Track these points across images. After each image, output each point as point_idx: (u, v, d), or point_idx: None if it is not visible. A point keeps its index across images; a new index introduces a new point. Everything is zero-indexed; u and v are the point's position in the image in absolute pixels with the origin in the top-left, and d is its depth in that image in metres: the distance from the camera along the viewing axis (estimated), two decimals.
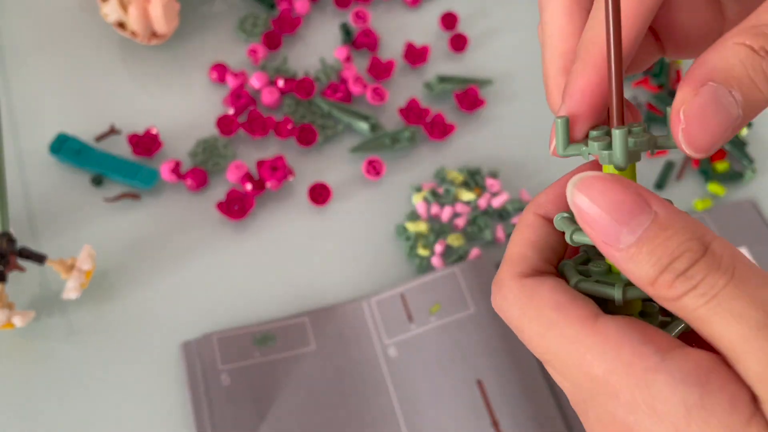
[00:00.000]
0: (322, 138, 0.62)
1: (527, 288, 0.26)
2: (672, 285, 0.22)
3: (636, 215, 0.22)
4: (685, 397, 0.21)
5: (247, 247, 0.57)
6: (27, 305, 0.53)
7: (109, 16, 0.64)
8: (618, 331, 0.23)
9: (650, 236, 0.22)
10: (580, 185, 0.23)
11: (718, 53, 0.24)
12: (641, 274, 0.22)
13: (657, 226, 0.22)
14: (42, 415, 0.49)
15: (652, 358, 0.22)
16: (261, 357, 0.51)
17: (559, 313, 0.24)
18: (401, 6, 0.72)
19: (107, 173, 0.59)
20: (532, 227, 0.28)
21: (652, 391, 0.22)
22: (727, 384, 0.21)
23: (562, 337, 0.24)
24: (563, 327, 0.24)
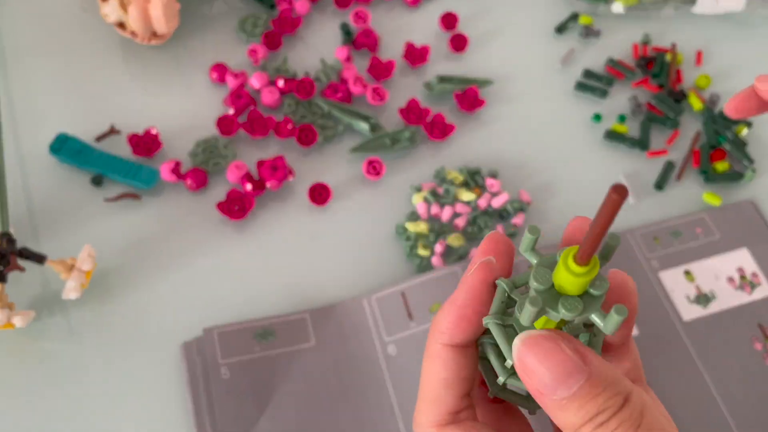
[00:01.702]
0: (322, 138, 0.62)
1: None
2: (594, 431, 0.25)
3: (573, 375, 0.25)
4: None
5: (248, 248, 0.57)
6: (27, 305, 0.53)
7: (109, 17, 0.64)
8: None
9: (582, 394, 0.24)
10: (528, 343, 0.25)
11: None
12: (567, 422, 0.25)
13: (589, 385, 0.25)
14: (43, 415, 0.49)
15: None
16: (261, 352, 0.51)
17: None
18: (401, 6, 0.72)
19: (107, 173, 0.59)
20: (441, 361, 0.28)
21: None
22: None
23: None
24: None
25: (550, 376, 0.25)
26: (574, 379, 0.25)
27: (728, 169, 0.63)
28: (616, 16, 0.73)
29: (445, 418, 0.28)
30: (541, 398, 0.25)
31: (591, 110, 0.67)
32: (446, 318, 0.29)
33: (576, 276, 0.25)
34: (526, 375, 0.25)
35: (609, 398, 0.24)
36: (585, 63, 0.70)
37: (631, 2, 0.72)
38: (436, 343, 0.29)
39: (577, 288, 0.26)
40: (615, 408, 0.24)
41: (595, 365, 0.25)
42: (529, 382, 0.25)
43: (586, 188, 0.62)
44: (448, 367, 0.28)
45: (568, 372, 0.25)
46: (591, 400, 0.24)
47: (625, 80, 0.68)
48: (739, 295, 0.56)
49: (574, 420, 0.25)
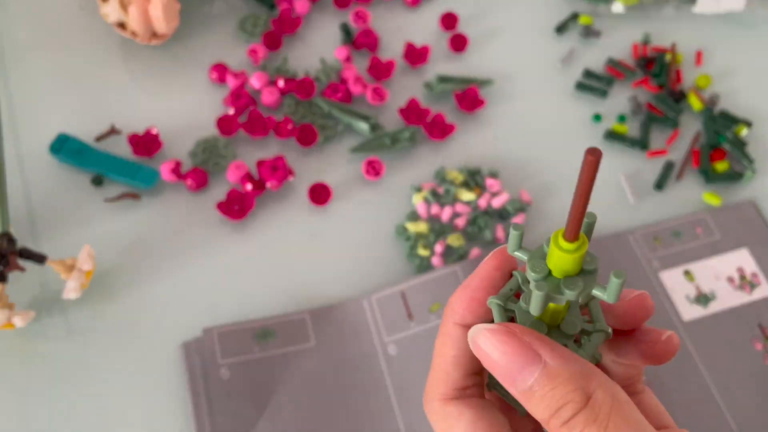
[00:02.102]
0: (322, 138, 0.62)
1: (447, 417, 0.29)
2: (559, 428, 0.25)
3: (526, 366, 0.25)
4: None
5: (248, 248, 0.57)
6: (27, 305, 0.53)
7: (109, 16, 0.64)
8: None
9: (540, 385, 0.25)
10: (477, 336, 0.26)
11: None
12: (537, 413, 0.25)
13: (545, 377, 0.25)
14: (43, 414, 0.49)
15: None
16: (261, 352, 0.51)
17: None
18: (401, 6, 0.72)
19: (107, 173, 0.59)
20: (452, 339, 0.29)
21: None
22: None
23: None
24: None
25: (506, 367, 0.25)
26: (528, 371, 0.25)
27: (728, 169, 0.63)
28: (616, 16, 0.73)
29: (452, 393, 0.29)
30: (510, 389, 0.26)
31: (591, 110, 0.67)
32: (459, 299, 0.29)
33: (569, 252, 0.25)
34: (488, 367, 0.26)
35: (568, 392, 0.24)
36: (585, 63, 0.70)
37: (631, 2, 0.72)
38: (448, 322, 0.29)
39: (573, 265, 0.26)
40: (576, 406, 0.24)
41: (550, 356, 0.25)
42: (493, 372, 0.26)
43: None
44: (457, 346, 0.29)
45: (520, 363, 0.25)
46: (549, 392, 0.24)
47: (625, 80, 0.68)
48: (739, 295, 0.56)
49: (543, 412, 0.25)
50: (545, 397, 0.24)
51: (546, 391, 0.25)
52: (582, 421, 0.24)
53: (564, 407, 0.24)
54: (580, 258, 0.26)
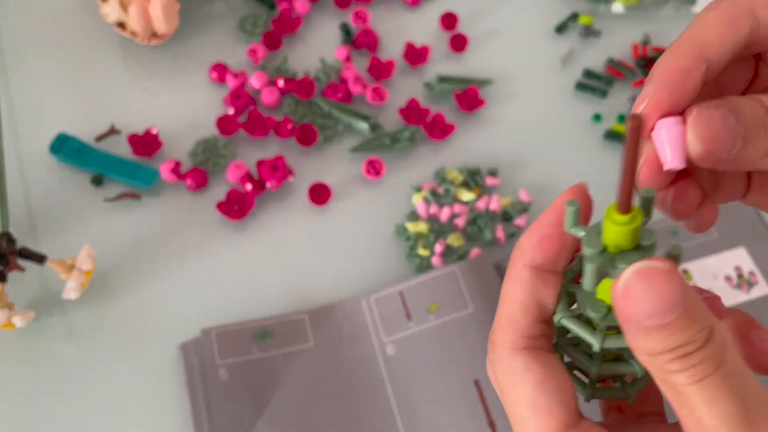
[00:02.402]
0: (322, 138, 0.62)
1: (513, 369, 0.27)
2: (669, 362, 0.24)
3: (673, 309, 0.24)
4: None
5: (247, 248, 0.57)
6: (27, 305, 0.53)
7: (109, 16, 0.64)
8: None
9: (672, 325, 0.24)
10: (643, 274, 0.25)
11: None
12: (648, 346, 0.24)
13: (683, 318, 0.24)
14: (42, 414, 0.50)
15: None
16: (259, 353, 0.51)
17: (533, 415, 0.26)
18: (401, 6, 0.72)
19: (107, 173, 0.59)
20: (520, 282, 0.28)
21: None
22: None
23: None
24: (532, 430, 0.26)
25: (651, 305, 0.24)
26: (669, 311, 0.24)
27: None
28: (616, 16, 0.73)
29: (520, 342, 0.28)
30: (627, 323, 0.25)
31: (591, 110, 0.67)
32: (529, 238, 0.28)
33: (622, 225, 0.25)
34: (627, 301, 0.25)
35: (697, 332, 0.24)
36: (585, 63, 0.70)
37: (631, 2, 0.72)
38: (516, 264, 0.28)
39: (628, 239, 0.26)
40: (699, 343, 0.24)
41: (690, 298, 0.24)
42: (625, 308, 0.25)
43: None
44: (525, 289, 0.28)
45: (669, 305, 0.24)
46: (680, 332, 0.24)
47: (625, 80, 0.68)
48: (736, 294, 0.56)
49: (654, 346, 0.24)
50: (673, 335, 0.24)
51: (677, 330, 0.24)
52: (701, 356, 0.24)
53: (688, 344, 0.24)
54: (633, 231, 0.26)
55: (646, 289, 0.24)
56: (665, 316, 0.24)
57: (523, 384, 0.27)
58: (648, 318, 0.24)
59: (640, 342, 0.25)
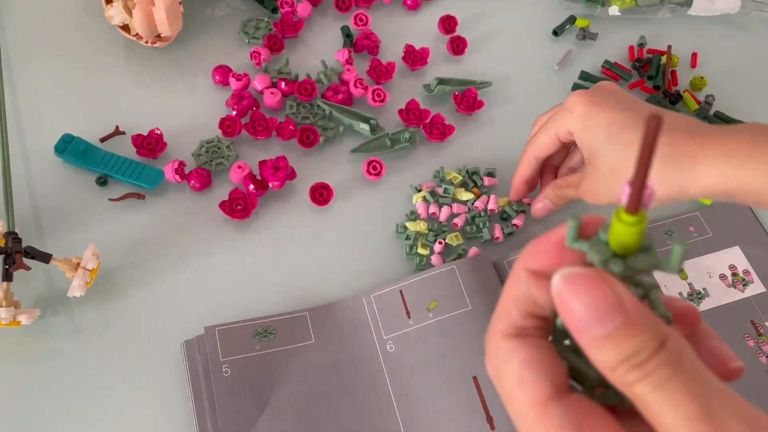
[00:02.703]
0: (323, 139, 0.63)
1: (502, 352, 0.29)
2: (627, 373, 0.25)
3: (611, 314, 0.25)
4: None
5: (250, 247, 0.58)
6: (32, 303, 0.54)
7: (113, 19, 0.65)
8: (560, 421, 0.26)
9: (619, 333, 0.25)
10: (568, 279, 0.26)
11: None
12: (602, 360, 0.25)
13: (627, 325, 0.25)
14: (47, 411, 0.50)
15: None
16: (261, 350, 0.52)
17: (519, 390, 0.27)
18: (401, 9, 0.73)
19: (112, 173, 0.59)
20: (517, 282, 0.30)
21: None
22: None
23: (516, 412, 0.28)
24: (518, 403, 0.27)
25: (586, 313, 0.25)
26: (610, 319, 0.25)
27: None
28: (612, 19, 0.74)
29: (510, 330, 0.29)
30: (578, 336, 0.26)
31: None
32: (536, 248, 0.30)
33: (631, 225, 0.26)
34: (564, 310, 0.26)
35: (646, 339, 0.25)
36: (582, 65, 0.70)
37: (627, 5, 0.73)
38: (518, 264, 0.30)
39: (635, 239, 0.26)
40: (651, 350, 0.25)
41: (631, 307, 0.25)
42: (567, 318, 0.26)
43: None
44: (519, 287, 0.29)
45: (606, 311, 0.25)
46: (627, 339, 0.25)
47: (622, 82, 0.69)
48: (731, 293, 0.56)
49: (609, 358, 0.25)
50: (621, 344, 0.25)
51: (623, 339, 0.25)
52: (656, 362, 0.24)
53: (640, 352, 0.25)
54: (641, 232, 0.26)
55: (575, 296, 0.25)
56: (605, 324, 0.25)
57: (510, 363, 0.28)
58: (589, 327, 0.25)
59: (595, 355, 0.25)
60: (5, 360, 0.51)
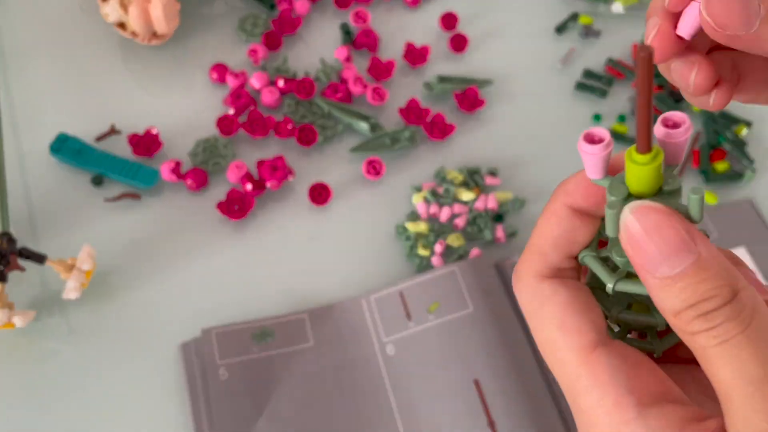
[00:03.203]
0: (322, 138, 0.63)
1: (539, 294, 0.27)
2: (692, 321, 0.23)
3: (680, 252, 0.23)
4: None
5: (247, 248, 0.58)
6: (27, 305, 0.54)
7: (109, 17, 0.64)
8: (608, 370, 0.25)
9: (688, 274, 0.23)
10: (637, 212, 0.24)
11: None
12: (668, 304, 0.24)
13: (696, 267, 0.23)
14: (42, 414, 0.50)
15: (630, 412, 0.24)
16: (259, 352, 0.51)
17: (562, 335, 0.26)
18: (401, 6, 0.72)
19: (107, 173, 0.59)
20: (557, 218, 0.28)
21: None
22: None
23: (558, 359, 0.26)
24: (561, 350, 0.26)
25: (656, 250, 0.24)
26: (679, 258, 0.23)
27: (728, 169, 0.63)
28: (615, 16, 0.73)
29: (547, 272, 0.27)
30: (644, 276, 0.24)
31: (591, 110, 0.67)
32: (578, 182, 0.28)
33: (643, 165, 0.25)
34: (631, 247, 0.24)
35: (716, 287, 0.23)
36: (585, 63, 0.70)
37: (630, 2, 0.72)
38: (557, 201, 0.28)
39: (650, 181, 0.25)
40: (722, 300, 0.23)
41: (705, 248, 0.24)
42: (634, 255, 0.24)
43: None
44: (561, 226, 0.28)
45: (676, 248, 0.23)
46: (696, 283, 0.23)
47: (625, 80, 0.69)
48: None
49: (675, 303, 0.23)
50: (689, 287, 0.23)
51: (692, 282, 0.23)
52: (724, 315, 0.23)
53: (708, 300, 0.23)
54: (656, 171, 0.25)
55: (646, 233, 0.24)
56: (674, 263, 0.23)
57: (550, 306, 0.26)
58: (657, 265, 0.23)
59: (661, 299, 0.24)
60: (0, 362, 0.51)
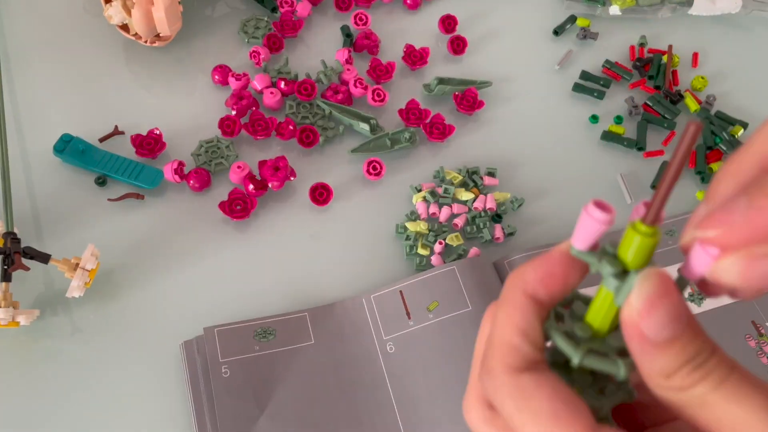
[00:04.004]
0: (323, 139, 0.63)
1: (523, 387, 0.27)
2: (690, 374, 0.25)
3: (682, 317, 0.26)
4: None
5: (249, 247, 0.58)
6: (31, 304, 0.54)
7: (112, 18, 0.64)
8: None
9: (686, 336, 0.25)
10: (662, 283, 0.26)
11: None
12: (662, 364, 0.26)
13: (690, 330, 0.26)
14: (46, 411, 0.50)
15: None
16: (261, 350, 0.52)
17: (556, 425, 0.26)
18: (401, 9, 0.73)
19: (111, 174, 0.59)
20: (520, 310, 0.28)
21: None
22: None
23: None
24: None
25: (666, 314, 0.25)
26: (677, 323, 0.25)
27: None
28: (613, 19, 0.74)
29: (523, 365, 0.27)
30: (642, 341, 0.26)
31: (588, 111, 0.67)
32: (535, 270, 0.28)
33: (648, 237, 0.26)
34: (644, 311, 0.25)
35: (704, 341, 0.25)
36: (582, 65, 0.70)
37: (627, 4, 0.73)
38: (515, 291, 0.28)
39: (648, 254, 0.26)
40: (709, 351, 0.25)
41: (689, 313, 0.26)
42: (644, 319, 0.25)
43: (584, 188, 0.63)
44: (527, 319, 0.28)
45: (681, 311, 0.25)
46: (691, 342, 0.25)
47: (622, 82, 0.69)
48: None
49: (672, 362, 0.25)
50: (686, 347, 0.25)
51: (688, 342, 0.25)
52: (713, 363, 0.25)
53: (700, 354, 0.25)
54: (654, 245, 0.26)
55: (653, 302, 0.25)
56: (677, 326, 0.25)
57: (538, 399, 0.26)
58: (662, 329, 0.25)
59: (654, 361, 0.25)
60: (4, 360, 0.51)
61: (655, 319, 0.25)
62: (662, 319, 0.25)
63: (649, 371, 0.26)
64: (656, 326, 0.25)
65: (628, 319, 0.26)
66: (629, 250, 0.26)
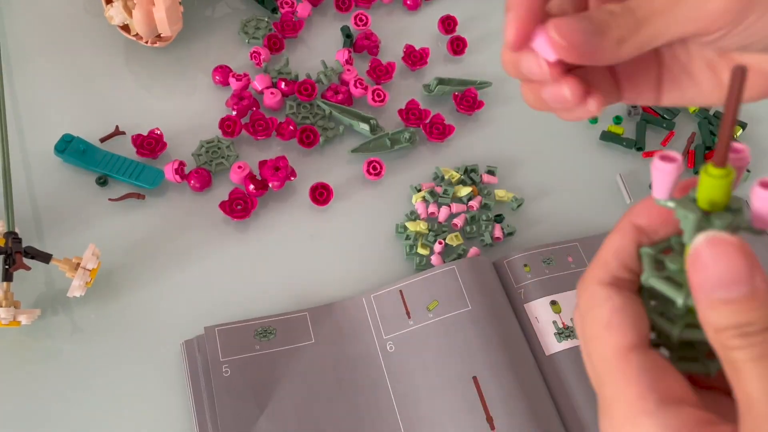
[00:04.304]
0: (323, 139, 0.63)
1: (596, 296, 0.30)
2: (732, 338, 0.26)
3: (741, 283, 0.26)
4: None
5: (249, 247, 0.58)
6: (32, 303, 0.54)
7: (113, 19, 0.65)
8: (639, 368, 0.28)
9: (740, 302, 0.26)
10: (713, 241, 0.27)
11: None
12: (712, 320, 0.26)
13: (749, 298, 0.26)
14: (47, 411, 0.50)
15: (650, 405, 0.27)
16: (261, 350, 0.52)
17: (606, 332, 0.29)
18: (401, 9, 0.73)
19: (112, 173, 0.59)
20: (622, 234, 0.31)
21: (638, 430, 0.26)
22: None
23: (597, 352, 0.29)
24: (603, 345, 0.29)
25: (718, 276, 0.26)
26: (737, 287, 0.26)
27: None
28: None
29: (606, 279, 0.30)
30: (699, 293, 0.26)
31: None
32: (644, 204, 0.31)
33: (719, 178, 0.27)
34: (695, 267, 0.26)
35: (762, 315, 0.25)
36: None
37: None
38: (624, 219, 0.31)
39: (722, 195, 0.27)
40: (763, 325, 0.25)
41: (760, 282, 0.26)
42: (695, 274, 0.26)
43: (583, 188, 0.63)
44: (624, 241, 0.30)
45: (738, 278, 0.26)
46: (746, 311, 0.25)
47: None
48: None
49: (720, 321, 0.26)
50: (738, 312, 0.25)
51: (742, 308, 0.25)
52: (762, 337, 0.25)
53: (751, 325, 0.25)
54: (728, 186, 0.27)
55: (714, 259, 0.26)
56: (731, 290, 0.25)
57: (601, 308, 0.29)
58: (714, 289, 0.26)
59: (708, 315, 0.26)
60: (5, 360, 0.52)
61: (705, 277, 0.26)
62: (712, 280, 0.26)
63: (702, 319, 0.27)
64: (706, 285, 0.26)
65: (687, 265, 0.27)
66: (704, 194, 0.27)
